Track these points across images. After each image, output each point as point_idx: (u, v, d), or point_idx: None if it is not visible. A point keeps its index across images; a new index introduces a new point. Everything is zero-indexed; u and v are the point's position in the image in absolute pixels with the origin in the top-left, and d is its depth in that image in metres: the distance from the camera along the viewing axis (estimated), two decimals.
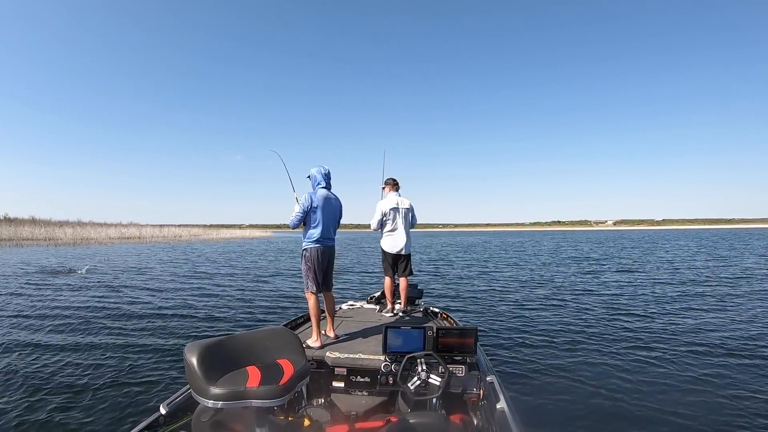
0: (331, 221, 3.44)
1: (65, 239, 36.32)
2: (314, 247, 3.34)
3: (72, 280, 11.84)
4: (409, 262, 4.35)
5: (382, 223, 4.25)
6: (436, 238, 65.77)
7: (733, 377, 4.13)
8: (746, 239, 42.30)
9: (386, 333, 2.51)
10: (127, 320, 6.78)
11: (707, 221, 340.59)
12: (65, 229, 40.68)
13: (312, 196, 3.33)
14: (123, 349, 5.14)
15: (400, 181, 4.42)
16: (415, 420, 1.76)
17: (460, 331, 2.59)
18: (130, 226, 51.85)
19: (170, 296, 9.25)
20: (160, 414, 1.99)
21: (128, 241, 39.66)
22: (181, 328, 6.31)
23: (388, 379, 2.47)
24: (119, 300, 8.68)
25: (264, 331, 1.76)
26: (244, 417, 1.51)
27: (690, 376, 4.18)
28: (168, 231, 50.37)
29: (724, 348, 5.08)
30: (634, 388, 3.90)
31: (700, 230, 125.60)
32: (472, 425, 2.32)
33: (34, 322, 6.59)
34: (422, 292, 4.82)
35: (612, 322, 6.57)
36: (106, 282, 11.49)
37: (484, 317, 7.07)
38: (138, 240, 41.54)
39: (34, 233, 36.55)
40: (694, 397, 3.71)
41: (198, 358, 1.41)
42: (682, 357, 4.77)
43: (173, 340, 5.54)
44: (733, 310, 7.26)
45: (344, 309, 4.58)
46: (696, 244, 33.12)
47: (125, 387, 3.91)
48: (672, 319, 6.67)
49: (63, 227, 41.72)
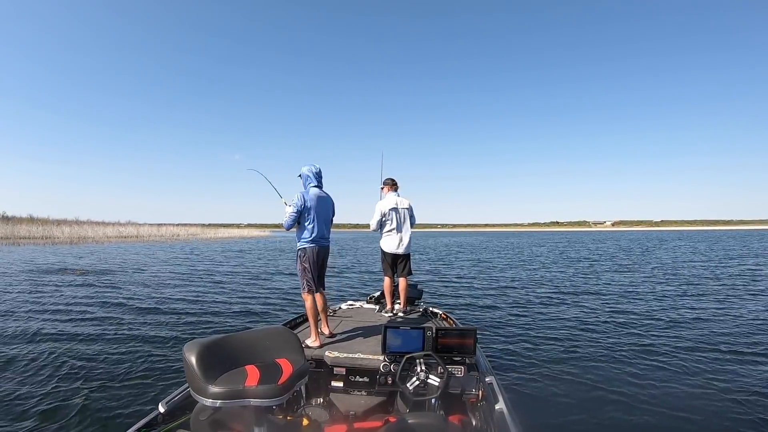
0: (325, 220, 3.42)
1: (62, 238, 36.11)
2: (310, 247, 3.31)
3: (68, 278, 11.84)
4: (409, 262, 4.36)
5: (382, 223, 4.25)
6: (435, 238, 65.78)
7: (737, 380, 4.10)
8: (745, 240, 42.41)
9: (385, 333, 2.51)
10: (125, 319, 6.77)
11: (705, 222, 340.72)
12: (63, 227, 40.44)
13: (305, 195, 3.29)
14: (122, 347, 5.13)
15: (398, 181, 4.43)
16: (414, 420, 1.76)
17: (460, 332, 2.59)
18: (128, 225, 51.68)
19: (169, 295, 9.24)
20: (158, 412, 1.98)
21: (126, 240, 39.48)
22: (180, 327, 6.31)
23: (387, 379, 2.47)
24: (118, 299, 8.67)
25: (263, 330, 1.76)
26: (242, 416, 1.51)
27: (690, 377, 4.18)
28: (166, 230, 50.17)
29: (727, 349, 5.07)
30: (634, 388, 3.90)
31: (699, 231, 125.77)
32: (470, 426, 2.32)
33: (34, 320, 6.58)
34: (422, 292, 4.82)
35: (612, 322, 6.57)
36: (103, 280, 11.48)
37: (483, 318, 7.07)
38: (135, 239, 41.37)
39: (32, 232, 36.36)
40: (695, 397, 3.70)
41: (197, 357, 1.42)
42: (682, 358, 4.76)
43: (172, 339, 5.53)
44: (737, 312, 7.25)
45: (344, 309, 4.58)
46: (696, 244, 33.13)
47: (124, 385, 3.90)
48: (672, 320, 6.67)
49: (61, 226, 41.47)
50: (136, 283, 11.16)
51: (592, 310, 7.66)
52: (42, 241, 32.99)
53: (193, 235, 51.67)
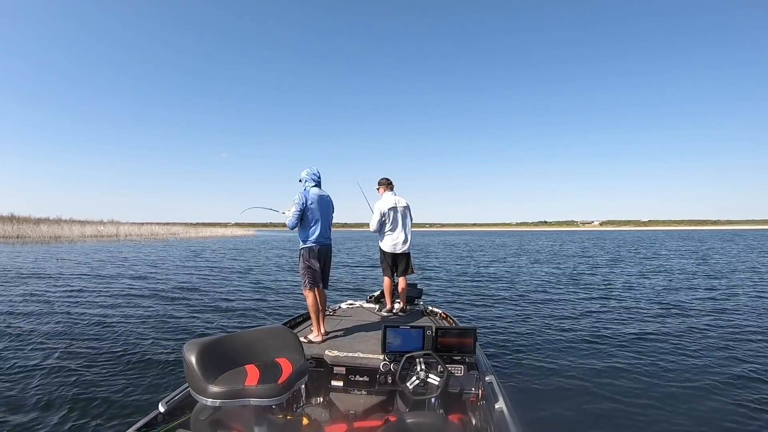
0: (326, 219, 3.52)
1: (33, 237, 34.63)
2: (312, 246, 3.42)
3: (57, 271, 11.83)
4: (409, 261, 4.36)
5: (382, 223, 4.25)
6: (427, 237, 65.64)
7: (738, 381, 4.08)
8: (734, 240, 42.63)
9: (385, 332, 2.51)
10: (125, 319, 6.77)
11: (693, 222, 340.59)
12: (42, 226, 38.58)
13: (306, 195, 3.40)
14: (121, 347, 5.12)
15: (392, 181, 4.42)
16: (414, 419, 1.77)
17: (460, 331, 2.59)
18: (108, 224, 49.09)
19: (170, 295, 9.23)
20: (158, 412, 1.99)
21: (102, 239, 37.94)
22: (179, 327, 6.30)
23: (387, 379, 2.47)
24: (117, 298, 8.66)
25: (263, 329, 1.76)
26: (242, 415, 1.51)
27: (692, 376, 4.18)
28: (146, 229, 48.64)
29: (728, 349, 5.06)
30: (634, 388, 3.90)
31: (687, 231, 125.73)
32: (470, 425, 2.32)
33: (32, 318, 6.58)
34: (422, 291, 4.82)
35: (611, 322, 6.56)
36: (100, 280, 11.48)
37: (483, 317, 7.06)
38: (111, 238, 39.83)
39: (6, 231, 34.74)
40: (695, 397, 3.70)
41: (197, 357, 1.41)
42: (684, 357, 4.76)
43: (172, 339, 5.52)
44: (737, 312, 7.26)
45: (343, 308, 4.58)
46: (687, 244, 33.17)
47: (124, 385, 3.90)
48: (673, 320, 6.67)
49: (40, 225, 39.53)
50: (133, 281, 11.15)
51: (593, 309, 7.66)
52: (13, 241, 31.45)
53: (174, 234, 50.04)
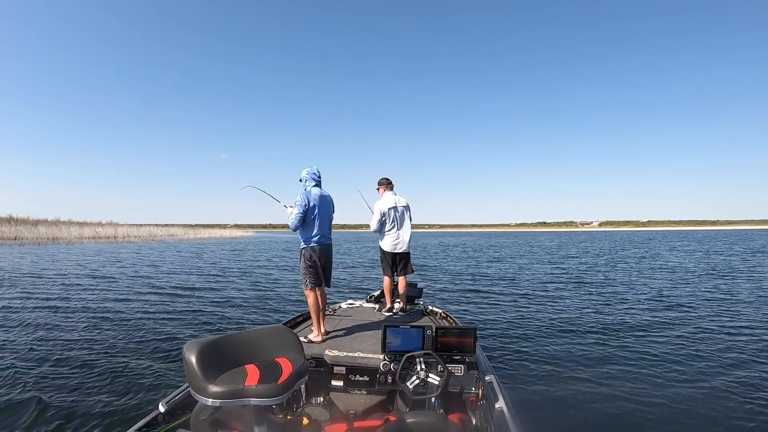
0: (327, 219, 3.52)
1: (31, 238, 34.57)
2: (314, 246, 3.42)
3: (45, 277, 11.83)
4: (409, 260, 4.36)
5: (382, 222, 4.25)
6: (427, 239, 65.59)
7: (739, 381, 4.07)
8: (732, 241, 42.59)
9: (385, 332, 2.51)
10: (125, 318, 6.77)
11: (692, 222, 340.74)
12: (39, 227, 38.50)
13: (307, 195, 3.39)
14: (121, 347, 5.13)
15: (392, 180, 4.42)
16: (414, 419, 1.77)
17: (460, 331, 2.59)
18: (107, 225, 48.77)
19: (170, 295, 9.24)
20: (159, 412, 1.99)
21: (100, 240, 38.02)
22: (179, 327, 6.30)
23: (387, 378, 2.47)
24: (116, 297, 8.67)
25: (263, 329, 1.75)
26: (242, 415, 1.50)
27: (692, 376, 4.18)
28: (144, 230, 48.38)
29: (730, 349, 5.06)
30: (634, 388, 3.90)
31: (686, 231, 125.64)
32: (470, 425, 2.32)
33: (30, 319, 6.58)
34: (422, 291, 4.82)
35: (612, 322, 6.57)
36: (98, 279, 11.48)
37: (483, 317, 7.07)
38: (109, 239, 39.81)
39: (4, 232, 34.53)
40: (696, 396, 3.70)
41: (197, 357, 1.41)
42: (684, 357, 4.76)
43: (172, 339, 5.52)
44: (738, 313, 7.26)
45: (343, 308, 4.58)
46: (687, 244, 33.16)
47: (124, 385, 3.90)
48: (673, 320, 6.67)
49: (38, 226, 39.40)
50: (132, 282, 11.16)
51: (593, 309, 7.66)
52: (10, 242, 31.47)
53: (172, 236, 49.81)
